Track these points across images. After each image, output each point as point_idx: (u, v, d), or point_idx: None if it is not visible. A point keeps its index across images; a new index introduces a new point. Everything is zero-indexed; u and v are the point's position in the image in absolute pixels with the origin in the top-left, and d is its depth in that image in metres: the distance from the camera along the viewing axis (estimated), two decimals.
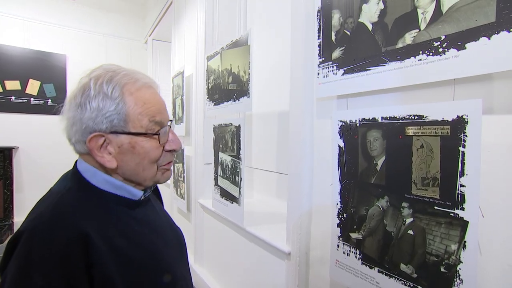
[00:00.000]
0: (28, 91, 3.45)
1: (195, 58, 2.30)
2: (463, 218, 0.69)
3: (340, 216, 0.99)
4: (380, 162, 0.87)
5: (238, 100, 1.60)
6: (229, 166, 1.68)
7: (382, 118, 0.85)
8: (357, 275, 0.94)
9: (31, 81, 3.46)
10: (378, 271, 0.87)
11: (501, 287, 0.67)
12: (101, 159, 0.57)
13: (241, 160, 1.56)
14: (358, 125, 0.92)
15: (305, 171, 1.15)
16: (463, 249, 0.69)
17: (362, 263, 0.92)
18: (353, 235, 0.95)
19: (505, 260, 0.66)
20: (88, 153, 0.58)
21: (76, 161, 0.63)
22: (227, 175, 1.71)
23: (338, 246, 1.00)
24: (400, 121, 0.80)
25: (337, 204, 1.00)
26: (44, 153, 3.51)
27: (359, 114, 0.92)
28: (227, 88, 1.72)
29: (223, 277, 1.92)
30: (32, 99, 3.47)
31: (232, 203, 1.65)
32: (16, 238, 0.50)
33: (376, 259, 0.88)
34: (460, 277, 0.69)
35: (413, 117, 0.77)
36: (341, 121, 0.97)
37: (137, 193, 0.63)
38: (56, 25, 3.60)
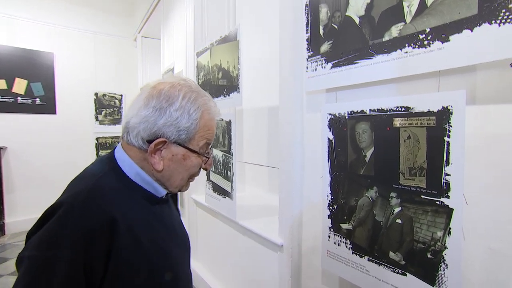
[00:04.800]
0: (15, 90, 3.34)
1: (184, 55, 2.26)
2: (448, 205, 0.70)
3: (331, 207, 1.00)
4: (368, 153, 0.87)
5: (229, 96, 1.59)
6: (221, 161, 1.67)
7: (370, 110, 0.85)
8: (348, 264, 0.95)
9: (17, 80, 3.35)
10: (368, 260, 0.89)
11: (484, 269, 0.68)
12: (153, 160, 0.62)
13: (232, 155, 1.55)
14: (347, 117, 0.92)
15: (295, 164, 1.16)
16: (448, 236, 0.70)
17: (352, 253, 0.93)
18: (344, 226, 0.96)
19: (487, 244, 0.68)
20: (140, 148, 0.62)
21: (115, 147, 0.67)
22: (219, 170, 1.70)
23: (329, 237, 1.01)
24: (388, 113, 0.81)
25: (327, 196, 1.01)
26: (34, 153, 3.42)
27: (347, 107, 0.92)
28: (217, 84, 1.71)
29: (218, 270, 1.92)
30: (19, 98, 3.36)
31: (225, 197, 1.64)
32: (54, 209, 0.54)
33: (366, 248, 0.89)
34: (446, 262, 0.71)
35: (400, 109, 0.78)
36: (330, 114, 0.97)
37: (162, 191, 0.67)
38: (42, 22, 3.48)
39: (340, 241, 0.97)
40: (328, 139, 0.99)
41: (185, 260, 0.74)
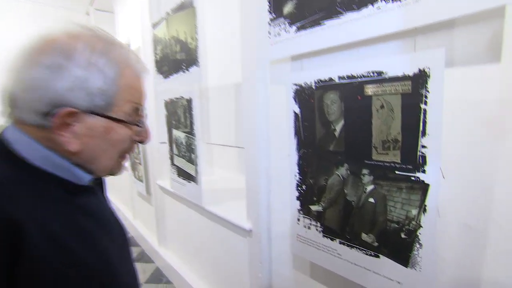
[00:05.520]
0: None
1: (140, 28, 2.03)
2: (424, 181, 0.63)
3: (299, 188, 0.92)
4: (338, 127, 0.78)
5: (188, 71, 1.43)
6: (184, 144, 1.53)
7: (339, 78, 0.75)
8: (319, 248, 0.88)
9: None
10: (340, 243, 0.82)
11: (458, 247, 0.63)
12: (61, 139, 0.46)
13: (195, 136, 1.41)
14: (314, 87, 0.82)
15: (261, 142, 1.05)
16: (423, 213, 0.64)
17: (323, 236, 0.86)
18: (313, 208, 0.88)
19: (463, 220, 0.62)
20: (38, 125, 0.45)
21: (4, 129, 0.49)
22: (183, 153, 1.56)
23: (298, 220, 0.93)
24: (359, 79, 0.71)
25: (295, 175, 0.92)
26: None
27: (314, 75, 0.81)
28: (176, 58, 1.53)
29: (189, 258, 1.83)
30: None
31: (190, 182, 1.52)
32: None
33: (337, 231, 0.83)
34: (420, 241, 0.65)
35: (372, 74, 0.68)
36: (295, 84, 0.86)
37: (84, 177, 0.52)
38: None
39: (310, 224, 0.90)
40: (294, 112, 0.88)
41: (127, 256, 0.61)
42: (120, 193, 3.27)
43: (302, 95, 0.85)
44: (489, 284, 0.60)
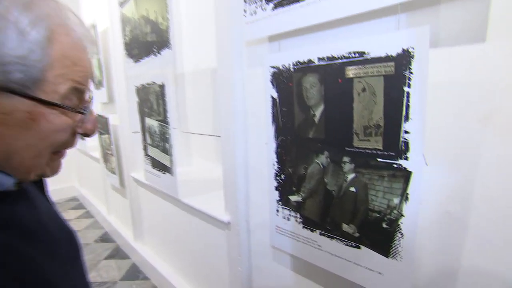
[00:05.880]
0: None
1: (107, 7, 1.88)
2: (406, 168, 0.60)
3: (278, 178, 0.87)
4: (318, 112, 0.74)
5: (160, 54, 1.33)
6: (157, 133, 1.45)
7: (318, 59, 0.70)
8: (298, 240, 0.85)
9: None
10: (320, 234, 0.79)
11: (439, 235, 0.62)
12: None
13: (169, 125, 1.33)
14: (292, 70, 0.77)
15: (237, 130, 0.99)
16: (405, 202, 0.61)
17: (303, 227, 0.83)
18: (293, 198, 0.85)
19: (444, 207, 0.60)
20: None
21: None
22: (157, 143, 1.48)
23: (277, 211, 0.89)
24: (339, 60, 0.66)
25: (273, 164, 0.87)
26: None
27: (293, 57, 0.76)
28: (146, 40, 1.42)
29: (167, 252, 1.77)
30: None
31: (165, 173, 1.45)
32: None
33: (317, 221, 0.79)
34: (401, 231, 0.63)
35: (353, 55, 0.64)
36: (273, 67, 0.81)
37: (4, 181, 0.38)
38: None
39: (290, 215, 0.86)
40: (272, 97, 0.83)
41: (75, 269, 0.49)
42: (92, 186, 3.12)
43: (280, 78, 0.80)
44: (469, 272, 0.59)
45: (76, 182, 3.66)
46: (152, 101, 1.46)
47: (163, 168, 1.46)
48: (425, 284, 0.65)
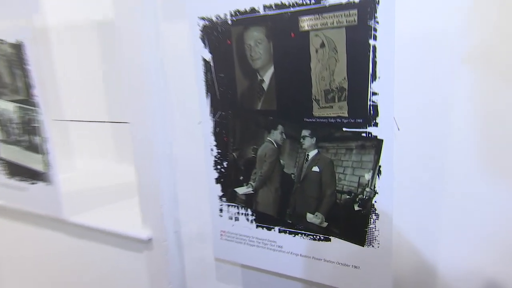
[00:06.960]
0: None
1: None
2: (376, 136, 0.73)
3: (219, 166, 0.94)
4: (267, 76, 0.82)
5: None
6: (16, 121, 1.35)
7: (264, 7, 0.77)
8: (252, 244, 0.93)
9: None
10: (280, 231, 0.89)
11: (413, 207, 0.77)
12: None
13: (37, 107, 1.25)
14: (230, 22, 0.82)
15: (155, 110, 1.01)
16: (378, 177, 0.74)
17: (257, 226, 0.92)
18: (240, 190, 0.92)
19: (418, 177, 0.75)
20: None
21: None
22: (15, 137, 1.38)
23: (221, 210, 0.96)
24: (291, 9, 0.75)
25: (211, 149, 0.93)
26: None
27: (230, 5, 0.81)
28: None
29: None
30: None
31: (35, 183, 1.37)
32: None
33: (275, 216, 0.89)
34: (376, 211, 0.76)
35: (308, 1, 0.73)
36: (203, 18, 0.85)
37: None
38: None
39: (238, 213, 0.94)
40: (204, 60, 0.88)
41: None
42: None
43: (214, 34, 0.85)
44: (446, 243, 0.76)
45: None
46: (1, 72, 1.34)
47: (32, 175, 1.37)
48: (407, 273, 0.81)
